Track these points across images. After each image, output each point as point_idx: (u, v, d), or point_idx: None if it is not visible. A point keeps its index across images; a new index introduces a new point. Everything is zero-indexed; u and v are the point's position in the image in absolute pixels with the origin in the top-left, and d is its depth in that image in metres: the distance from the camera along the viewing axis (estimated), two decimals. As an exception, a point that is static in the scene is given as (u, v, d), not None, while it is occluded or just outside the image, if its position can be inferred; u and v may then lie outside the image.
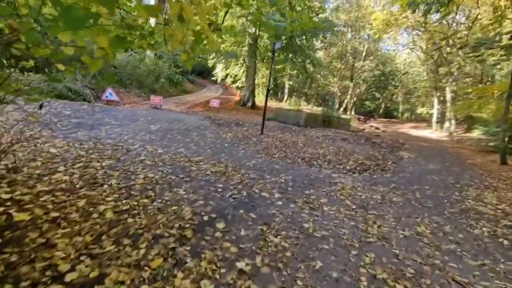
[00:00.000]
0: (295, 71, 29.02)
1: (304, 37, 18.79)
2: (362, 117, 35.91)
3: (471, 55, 16.09)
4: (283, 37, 18.23)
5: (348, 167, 7.06)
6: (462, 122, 25.74)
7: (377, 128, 27.14)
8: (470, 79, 29.32)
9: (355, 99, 39.34)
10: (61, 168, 3.82)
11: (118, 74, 18.45)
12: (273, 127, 12.72)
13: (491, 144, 14.16)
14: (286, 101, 38.36)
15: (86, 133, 6.13)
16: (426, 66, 33.42)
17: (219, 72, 29.43)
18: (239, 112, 19.28)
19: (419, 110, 37.06)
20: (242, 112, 19.38)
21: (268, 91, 9.66)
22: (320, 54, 39.27)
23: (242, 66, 26.00)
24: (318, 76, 43.12)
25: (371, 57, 37.58)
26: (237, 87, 29.63)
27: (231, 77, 28.99)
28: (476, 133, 22.65)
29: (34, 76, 12.50)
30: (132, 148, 5.55)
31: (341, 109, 35.26)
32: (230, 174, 4.78)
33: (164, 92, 22.72)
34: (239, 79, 27.32)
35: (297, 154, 7.58)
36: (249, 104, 23.91)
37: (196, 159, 5.42)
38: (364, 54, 35.94)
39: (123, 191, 3.41)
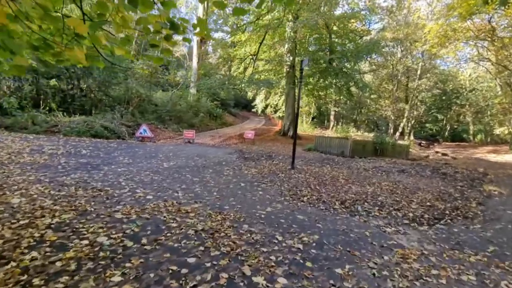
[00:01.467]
0: (341, 97, 27.15)
1: (345, 59, 17.21)
2: (423, 142, 31.37)
3: None
4: (322, 61, 16.96)
5: (410, 215, 4.92)
6: None
7: (444, 154, 22.99)
8: None
9: (413, 122, 34.93)
10: (-15, 230, 2.82)
11: (158, 111, 19.01)
12: (311, 159, 10.94)
13: None
14: (332, 128, 35.96)
15: (79, 176, 5.34)
16: (499, 79, 28.21)
17: (258, 103, 29.11)
18: (277, 143, 17.90)
19: (497, 130, 30.82)
20: (281, 143, 17.95)
21: (297, 116, 8.16)
22: (368, 77, 36.68)
23: (281, 95, 25.18)
24: (368, 100, 40.19)
25: (428, 75, 33.61)
26: (279, 117, 28.70)
27: (271, 107, 28.33)
28: None
29: (79, 117, 13.22)
30: (117, 194, 4.47)
31: (397, 134, 31.38)
32: (222, 234, 3.26)
33: (203, 126, 22.81)
34: (279, 109, 26.43)
35: (335, 194, 5.72)
36: (290, 133, 22.48)
37: (189, 208, 4.06)
38: (419, 72, 32.35)
39: (30, 273, 2.17)
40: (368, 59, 29.43)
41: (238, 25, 18.26)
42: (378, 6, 25.30)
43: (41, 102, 12.89)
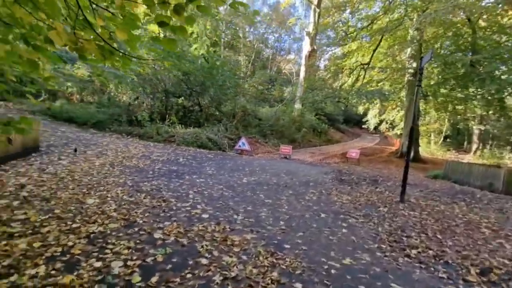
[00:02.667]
0: (490, 112, 20.55)
1: (498, 61, 12.55)
2: None
3: None
4: (459, 64, 13.13)
5: None
6: None
7: None
8: None
9: None
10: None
11: (261, 126, 19.52)
12: (435, 190, 8.13)
13: None
14: (475, 152, 27.64)
15: (158, 183, 5.48)
16: None
17: (370, 118, 25.62)
18: (390, 165, 14.85)
19: None
20: (395, 166, 14.77)
21: (412, 130, 6.04)
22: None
23: (400, 109, 21.31)
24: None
25: None
26: (396, 135, 24.36)
27: (386, 123, 24.43)
28: None
29: (192, 129, 14.99)
30: (176, 207, 4.19)
31: None
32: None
33: (305, 142, 21.92)
34: (396, 125, 22.37)
35: (470, 253, 3.58)
36: (410, 154, 18.48)
37: (239, 239, 3.24)
38: None
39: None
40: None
41: (348, 33, 16.64)
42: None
43: (166, 116, 15.39)
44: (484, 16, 13.53)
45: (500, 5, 12.50)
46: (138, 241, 2.92)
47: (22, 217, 3.19)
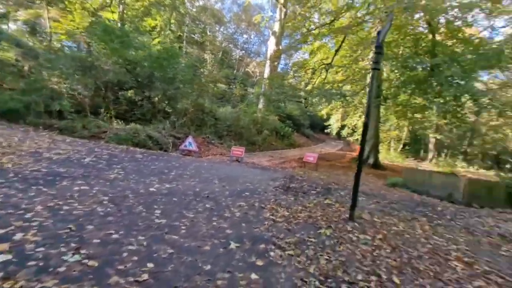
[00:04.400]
0: (446, 120, 20.93)
1: (456, 65, 12.18)
2: None
3: None
4: (419, 67, 12.64)
5: None
6: None
7: None
8: None
9: None
10: None
11: (218, 126, 17.84)
12: (393, 201, 7.04)
13: None
14: (431, 160, 28.47)
15: (6, 192, 3.58)
16: None
17: (333, 123, 25.16)
18: (349, 172, 13.95)
19: None
20: (354, 172, 13.92)
21: (365, 127, 4.83)
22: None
23: (362, 114, 20.93)
24: (483, 128, 30.80)
25: None
26: (357, 141, 24.11)
27: (348, 128, 24.10)
28: None
29: (132, 125, 12.84)
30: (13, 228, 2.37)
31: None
32: None
33: (267, 145, 20.61)
34: (357, 131, 22.05)
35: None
36: (370, 161, 17.99)
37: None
38: None
39: None
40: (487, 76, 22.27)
41: (310, 29, 15.70)
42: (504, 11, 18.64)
43: (102, 109, 13.04)
44: (442, 20, 13.29)
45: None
46: None
47: None
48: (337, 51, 15.40)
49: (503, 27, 23.29)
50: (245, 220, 3.97)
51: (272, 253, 2.98)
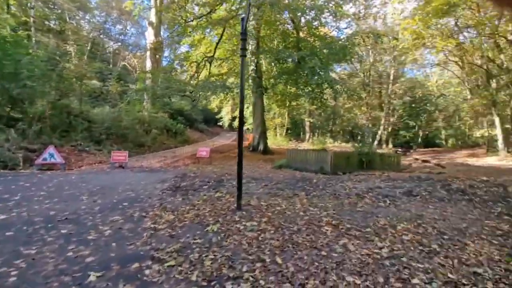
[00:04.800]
0: (314, 105, 24.75)
1: (316, 58, 14.41)
2: (399, 150, 29.71)
3: None
4: (290, 60, 14.22)
5: None
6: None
7: (425, 161, 20.96)
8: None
9: (389, 129, 33.44)
10: None
11: (93, 129, 15.09)
12: (280, 182, 7.66)
13: None
14: (308, 140, 33.44)
15: None
16: (467, 83, 27.58)
17: (224, 115, 25.89)
18: (245, 161, 14.57)
19: (476, 133, 29.85)
20: (247, 160, 14.60)
21: (241, 113, 4.93)
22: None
23: (249, 105, 22.21)
24: (342, 110, 38.54)
25: (399, 81, 32.66)
26: (249, 130, 25.68)
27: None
28: None
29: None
30: None
31: (375, 143, 29.43)
32: None
33: (158, 145, 19.03)
34: (246, 121, 23.44)
35: (317, 278, 2.44)
36: (260, 148, 19.33)
37: None
38: (391, 78, 31.13)
39: None
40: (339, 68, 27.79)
41: (186, 20, 15.17)
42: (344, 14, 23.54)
43: None
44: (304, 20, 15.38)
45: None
46: None
47: None
48: (217, 43, 15.54)
49: (346, 28, 29.20)
50: (117, 238, 3.30)
51: (147, 271, 2.53)
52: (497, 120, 22.06)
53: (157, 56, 22.77)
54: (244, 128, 26.58)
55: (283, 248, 3.10)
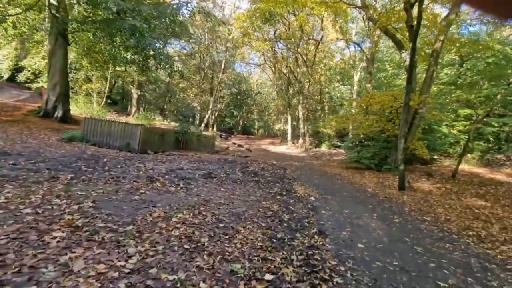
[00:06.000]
0: (142, 76, 21.89)
1: (140, 18, 11.91)
2: (223, 134, 32.89)
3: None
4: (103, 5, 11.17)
5: None
6: (311, 138, 26.56)
7: (240, 145, 24.06)
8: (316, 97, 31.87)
9: (216, 114, 36.00)
10: None
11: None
12: (47, 159, 5.39)
13: (354, 160, 12.57)
14: (134, 115, 29.69)
15: None
16: (276, 86, 35.01)
17: (1, 62, 17.64)
18: (24, 126, 10.15)
19: (276, 126, 38.17)
20: (30, 131, 10.23)
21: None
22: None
23: (47, 55, 16.18)
24: (177, 90, 37.36)
25: (228, 73, 35.78)
26: (44, 88, 18.99)
27: (28, 71, 18.14)
28: (324, 147, 23.75)
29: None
30: None
31: (202, 125, 30.63)
32: None
33: None
34: (40, 76, 17.16)
35: None
36: (58, 114, 14.59)
37: None
38: (222, 67, 33.29)
39: None
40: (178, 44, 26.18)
41: None
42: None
43: None
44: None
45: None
46: None
47: None
48: None
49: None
50: None
51: None
52: (289, 118, 28.76)
53: None
54: (35, 85, 19.44)
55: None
